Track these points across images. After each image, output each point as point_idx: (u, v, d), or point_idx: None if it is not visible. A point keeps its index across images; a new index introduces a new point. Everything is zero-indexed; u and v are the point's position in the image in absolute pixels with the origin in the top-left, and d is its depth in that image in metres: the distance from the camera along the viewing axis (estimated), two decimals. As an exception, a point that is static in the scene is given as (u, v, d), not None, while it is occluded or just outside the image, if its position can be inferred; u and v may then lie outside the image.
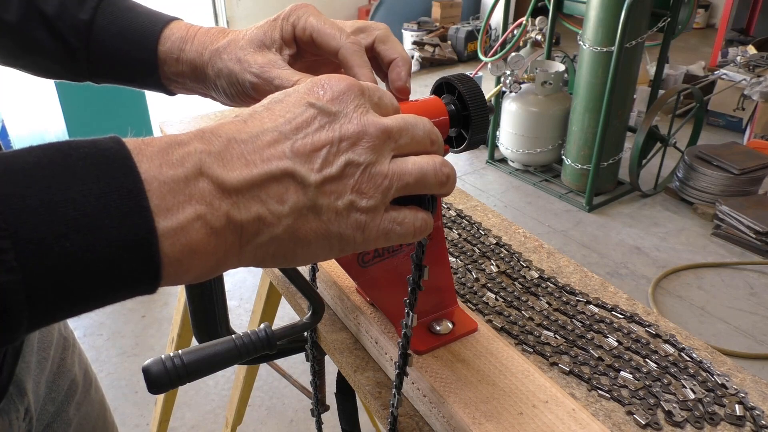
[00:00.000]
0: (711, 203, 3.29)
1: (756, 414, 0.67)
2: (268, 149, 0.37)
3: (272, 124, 0.38)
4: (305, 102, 0.40)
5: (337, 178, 0.39)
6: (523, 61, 3.47)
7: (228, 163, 0.35)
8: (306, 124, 0.39)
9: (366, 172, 0.40)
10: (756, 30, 6.47)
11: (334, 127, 0.39)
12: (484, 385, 0.64)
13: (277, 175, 0.37)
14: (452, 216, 1.06)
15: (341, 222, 0.39)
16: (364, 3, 6.74)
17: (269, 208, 0.36)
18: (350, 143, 0.39)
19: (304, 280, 0.68)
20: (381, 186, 0.41)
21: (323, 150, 0.38)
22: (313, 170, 0.38)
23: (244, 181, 0.35)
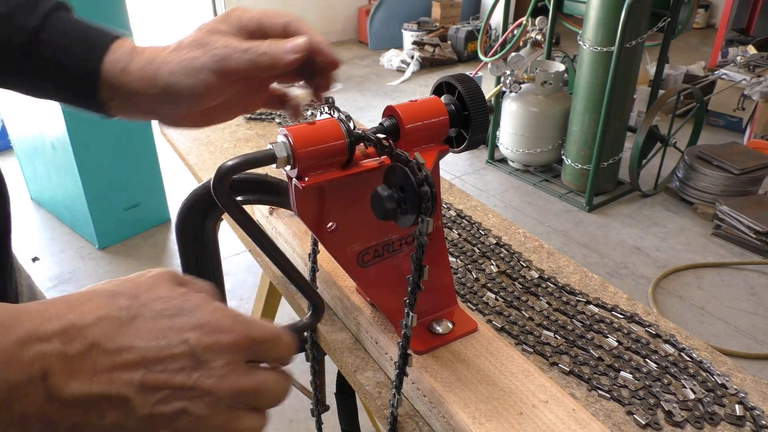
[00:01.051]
0: (711, 203, 3.29)
1: (756, 414, 0.67)
2: (120, 371, 0.38)
3: (143, 344, 0.39)
4: (184, 337, 0.40)
5: (165, 418, 0.39)
6: (523, 61, 3.47)
7: (73, 372, 0.37)
8: (170, 360, 0.39)
9: (194, 424, 0.41)
10: (756, 30, 6.47)
11: (192, 375, 0.40)
12: (484, 385, 0.64)
13: (112, 397, 0.38)
14: (452, 216, 1.06)
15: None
16: (364, 3, 6.74)
17: (87, 419, 0.38)
18: (195, 395, 0.40)
19: (304, 280, 0.68)
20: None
21: (166, 390, 0.39)
22: (148, 404, 0.39)
23: (80, 395, 0.37)
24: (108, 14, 2.50)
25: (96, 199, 2.85)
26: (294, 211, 0.63)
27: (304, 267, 0.88)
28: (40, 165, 3.12)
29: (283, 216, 0.99)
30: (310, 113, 1.51)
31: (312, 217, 0.63)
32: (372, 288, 0.71)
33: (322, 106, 0.64)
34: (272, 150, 0.57)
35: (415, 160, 0.53)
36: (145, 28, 5.80)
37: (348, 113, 0.62)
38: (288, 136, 0.57)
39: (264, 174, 0.85)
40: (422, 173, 0.52)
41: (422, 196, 0.52)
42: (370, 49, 6.49)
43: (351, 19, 6.80)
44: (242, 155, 0.56)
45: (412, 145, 0.63)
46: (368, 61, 6.16)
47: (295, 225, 0.96)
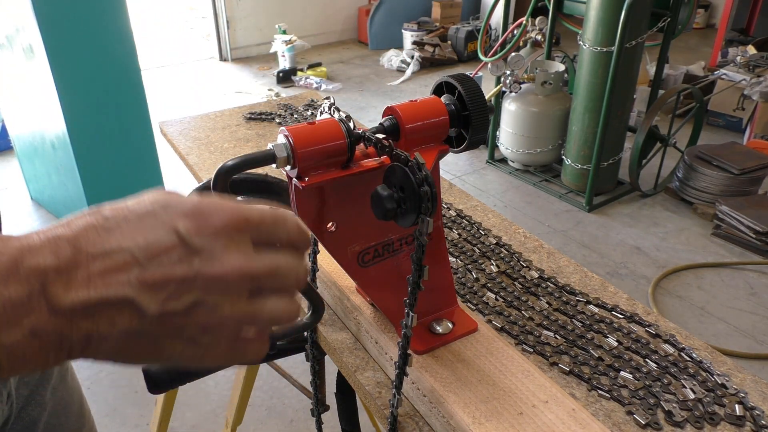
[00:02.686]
0: (711, 203, 3.29)
1: (756, 414, 0.67)
2: (114, 273, 0.37)
3: (130, 243, 0.37)
4: (173, 227, 0.38)
5: (180, 314, 0.38)
6: (523, 61, 3.47)
7: (70, 282, 0.36)
8: (164, 253, 0.37)
9: (213, 314, 0.39)
10: (756, 30, 6.47)
11: (192, 264, 0.38)
12: (484, 385, 0.64)
13: (114, 301, 0.36)
14: (452, 216, 1.06)
15: (173, 350, 0.39)
16: (364, 3, 6.74)
17: (99, 329, 0.37)
18: (204, 283, 0.38)
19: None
20: (228, 327, 0.40)
21: (171, 284, 0.37)
22: (156, 302, 0.37)
23: (80, 303, 0.36)
24: (108, 14, 2.50)
25: (96, 199, 2.85)
26: (294, 211, 0.63)
27: (304, 267, 0.88)
28: (40, 165, 3.12)
29: (283, 216, 0.99)
30: (311, 113, 1.51)
31: (312, 217, 0.63)
32: (372, 288, 0.71)
33: (323, 106, 0.64)
34: (272, 150, 0.57)
35: (415, 160, 0.53)
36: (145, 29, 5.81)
37: (348, 113, 0.62)
38: (288, 136, 0.57)
39: (264, 174, 0.85)
40: (422, 173, 0.52)
41: (422, 196, 0.52)
42: (370, 49, 6.49)
43: (351, 19, 6.80)
44: (242, 155, 0.56)
45: (412, 145, 0.63)
46: (368, 61, 6.16)
47: (295, 225, 0.96)
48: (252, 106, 1.59)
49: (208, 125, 1.48)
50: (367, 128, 0.63)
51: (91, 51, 2.52)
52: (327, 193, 0.63)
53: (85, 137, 2.65)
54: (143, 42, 4.46)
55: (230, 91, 5.28)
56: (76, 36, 2.45)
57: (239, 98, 5.07)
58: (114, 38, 2.56)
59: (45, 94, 2.56)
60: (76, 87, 2.54)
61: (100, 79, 2.59)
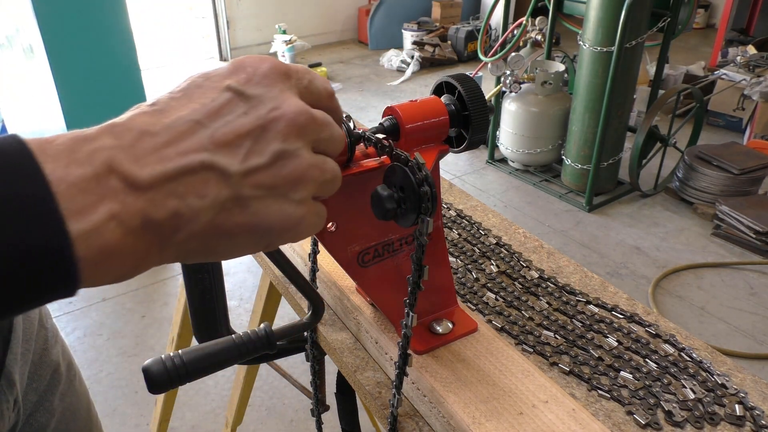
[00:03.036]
0: (711, 203, 3.29)
1: (756, 414, 0.67)
2: (183, 141, 0.34)
3: (188, 112, 0.35)
4: (224, 86, 0.36)
5: (265, 168, 0.36)
6: (523, 61, 3.47)
7: (140, 159, 0.33)
8: (225, 111, 0.36)
9: (297, 162, 0.37)
10: (756, 30, 6.47)
11: (256, 113, 0.36)
12: (484, 385, 0.64)
13: (195, 168, 0.34)
14: (452, 216, 1.06)
15: (270, 214, 0.37)
16: (364, 3, 6.74)
17: (187, 203, 0.33)
18: (278, 130, 0.36)
19: (304, 280, 0.68)
20: (311, 177, 0.38)
21: (247, 139, 0.35)
22: (237, 161, 0.35)
23: (158, 176, 0.33)
24: (108, 14, 2.50)
25: (96, 199, 2.84)
26: (294, 211, 0.63)
27: (304, 267, 0.88)
28: (40, 165, 3.12)
29: (283, 216, 0.99)
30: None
31: (312, 217, 0.63)
32: (372, 288, 0.71)
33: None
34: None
35: (415, 160, 0.53)
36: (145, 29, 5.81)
37: (348, 113, 0.62)
38: (288, 136, 0.57)
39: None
40: (422, 173, 0.52)
41: (422, 196, 0.52)
42: (370, 49, 6.49)
43: (351, 19, 6.80)
44: (242, 155, 0.56)
45: (412, 145, 0.63)
46: (368, 61, 6.16)
47: (295, 225, 0.96)
48: (252, 106, 1.59)
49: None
50: (367, 128, 0.63)
51: (91, 51, 2.52)
52: (327, 193, 0.63)
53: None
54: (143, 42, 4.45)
55: (230, 91, 5.27)
56: (76, 36, 2.45)
57: (239, 98, 5.06)
58: (114, 38, 2.57)
59: (45, 94, 2.56)
60: (76, 87, 2.54)
61: (100, 79, 2.59)
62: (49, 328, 0.73)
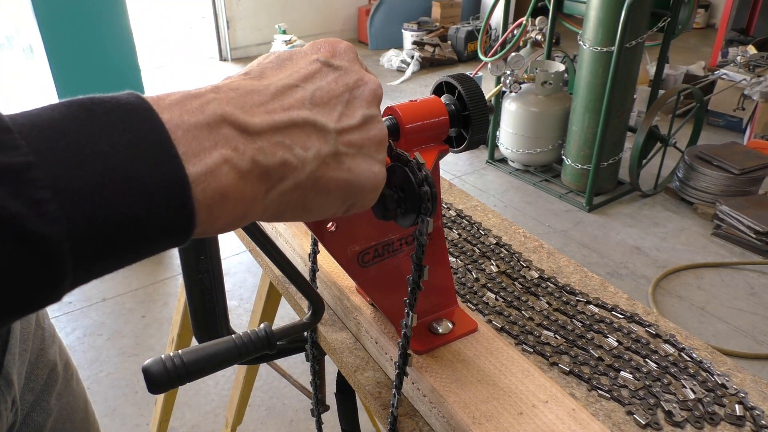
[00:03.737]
0: (711, 203, 3.29)
1: (756, 414, 0.67)
2: (287, 98, 0.38)
3: (285, 75, 0.39)
4: (312, 58, 0.41)
5: (356, 129, 0.40)
6: (523, 61, 3.47)
7: (249, 111, 0.36)
8: (317, 77, 0.40)
9: (379, 126, 0.42)
10: (756, 30, 6.47)
11: (346, 80, 0.41)
12: (484, 385, 0.64)
13: (299, 122, 0.37)
14: (452, 216, 1.06)
15: (360, 171, 0.41)
16: (364, 3, 6.74)
17: (294, 153, 0.37)
18: (363, 97, 0.41)
19: (304, 280, 0.68)
20: (386, 142, 0.43)
21: (340, 101, 0.40)
22: (333, 120, 0.39)
23: (267, 126, 0.36)
24: (107, 14, 2.50)
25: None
26: (294, 211, 0.63)
27: (304, 267, 0.88)
28: (40, 165, 3.12)
29: (283, 216, 0.99)
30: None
31: (312, 217, 0.63)
32: (372, 288, 0.71)
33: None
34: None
35: (415, 160, 0.53)
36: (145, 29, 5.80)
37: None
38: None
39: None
40: (422, 173, 0.52)
41: (422, 196, 0.52)
42: (370, 49, 6.49)
43: (351, 19, 6.80)
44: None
45: (412, 145, 0.63)
46: (368, 61, 6.16)
47: (295, 225, 0.96)
48: (252, 106, 1.59)
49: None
50: (367, 128, 0.63)
51: (90, 51, 2.52)
52: (327, 193, 0.63)
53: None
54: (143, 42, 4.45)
55: (230, 91, 5.27)
56: (76, 36, 2.45)
57: (239, 98, 5.06)
58: (113, 38, 2.57)
59: (45, 94, 2.56)
60: (76, 87, 2.54)
61: (100, 79, 2.59)
62: (46, 327, 0.73)
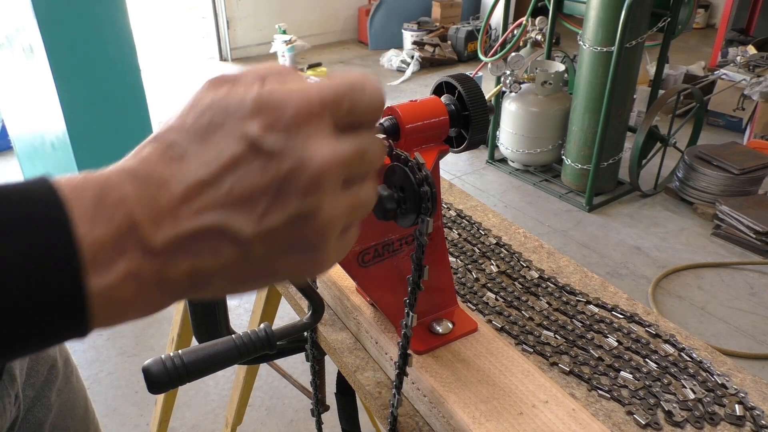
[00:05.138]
0: (711, 203, 3.29)
1: (756, 414, 0.67)
2: (198, 200, 0.33)
3: (204, 164, 0.33)
4: (242, 132, 0.33)
5: (282, 227, 0.34)
6: (523, 61, 3.47)
7: (157, 218, 0.33)
8: (240, 165, 0.33)
9: (317, 220, 0.35)
10: (756, 30, 6.47)
11: (276, 167, 0.33)
12: (484, 385, 0.64)
13: (209, 229, 0.33)
14: (452, 216, 1.06)
15: (286, 268, 0.36)
16: (364, 3, 6.74)
17: (202, 261, 0.34)
18: (297, 188, 0.34)
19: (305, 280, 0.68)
20: (335, 227, 0.36)
21: (262, 198, 0.33)
22: (252, 221, 0.33)
23: (174, 237, 0.33)
24: (108, 14, 2.50)
25: (96, 199, 2.84)
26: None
27: (304, 267, 0.88)
28: (40, 165, 3.12)
29: (283, 216, 0.99)
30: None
31: (312, 217, 0.63)
32: (372, 288, 0.71)
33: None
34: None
35: (415, 160, 0.53)
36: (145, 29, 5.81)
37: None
38: (288, 136, 0.57)
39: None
40: (422, 173, 0.52)
41: (422, 196, 0.52)
42: (370, 49, 6.49)
43: (351, 19, 6.80)
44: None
45: (412, 145, 0.63)
46: (368, 61, 6.16)
47: (295, 225, 0.96)
48: (252, 106, 1.59)
49: (208, 125, 1.48)
50: (367, 128, 0.63)
51: (91, 51, 2.52)
52: (327, 193, 0.63)
53: (85, 137, 2.66)
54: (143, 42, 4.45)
55: (230, 91, 5.27)
56: (76, 36, 2.45)
57: (239, 98, 5.06)
58: (114, 38, 2.56)
59: (45, 94, 2.56)
60: (76, 87, 2.54)
61: (100, 79, 2.59)
62: None
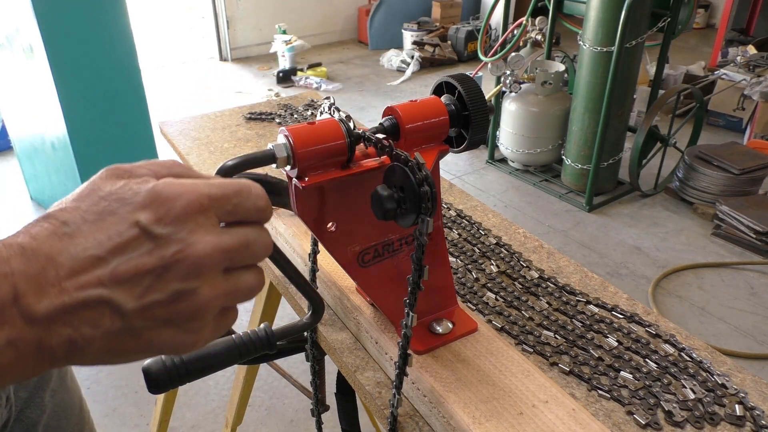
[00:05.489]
0: (711, 203, 3.29)
1: (756, 414, 0.67)
2: (84, 275, 0.36)
3: (94, 243, 0.37)
4: (134, 220, 0.37)
5: (163, 303, 0.37)
6: (523, 61, 3.47)
7: (42, 289, 0.35)
8: (129, 247, 0.37)
9: (196, 299, 0.38)
10: (756, 30, 6.47)
11: (160, 254, 0.37)
12: (484, 385, 0.64)
13: (90, 302, 0.36)
14: (452, 216, 1.06)
15: (163, 341, 0.39)
16: (364, 3, 6.74)
17: (81, 332, 0.36)
18: (179, 270, 0.37)
19: (304, 280, 0.68)
20: (212, 308, 0.40)
21: (146, 277, 0.37)
22: (133, 297, 0.37)
23: (55, 309, 0.35)
24: (108, 14, 2.50)
25: (96, 199, 2.84)
26: (294, 211, 0.63)
27: (304, 267, 0.88)
28: (40, 165, 3.12)
29: (283, 216, 0.99)
30: (311, 113, 1.51)
31: (312, 217, 0.63)
32: (372, 288, 0.71)
33: (323, 106, 0.64)
34: (272, 150, 0.57)
35: (415, 160, 0.53)
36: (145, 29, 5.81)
37: (348, 113, 0.62)
38: (288, 136, 0.57)
39: (264, 174, 0.85)
40: (422, 173, 0.52)
41: (422, 196, 0.52)
42: (370, 49, 6.49)
43: (351, 19, 6.80)
44: (242, 155, 0.56)
45: (412, 145, 0.63)
46: (368, 61, 6.16)
47: (295, 225, 0.96)
48: (252, 106, 1.59)
49: (208, 125, 1.48)
50: (367, 128, 0.63)
51: (91, 51, 2.52)
52: (327, 193, 0.63)
53: (85, 137, 2.65)
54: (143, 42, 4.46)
55: (230, 91, 5.28)
56: (76, 36, 2.45)
57: (239, 98, 5.06)
58: (114, 38, 2.56)
59: (45, 94, 2.56)
60: (76, 87, 2.54)
61: (100, 79, 2.59)
62: None
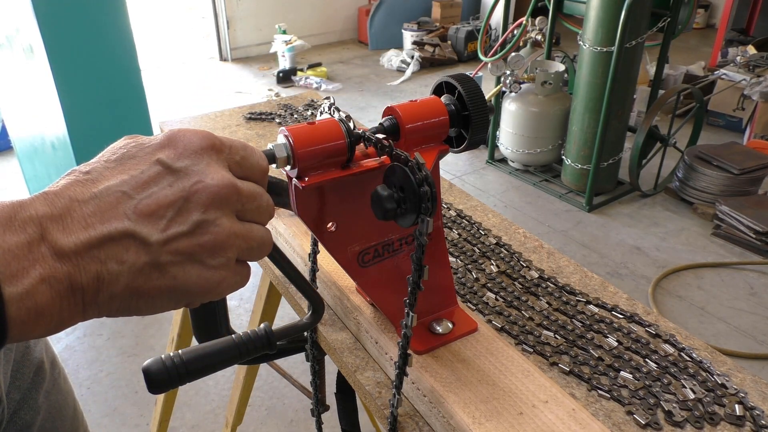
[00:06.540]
0: (711, 203, 3.29)
1: (756, 414, 0.67)
2: (108, 210, 0.37)
3: (117, 182, 0.38)
4: (154, 159, 0.39)
5: (185, 236, 0.39)
6: (523, 61, 3.47)
7: (68, 226, 0.36)
8: (152, 182, 0.39)
9: (216, 231, 0.40)
10: (756, 30, 6.47)
11: (181, 186, 0.39)
12: (484, 385, 0.64)
13: (115, 236, 0.37)
14: (452, 216, 1.06)
15: (188, 278, 0.40)
16: (364, 3, 6.74)
17: (108, 268, 0.37)
18: (200, 200, 0.39)
19: (304, 280, 0.68)
20: (232, 245, 0.41)
21: (169, 209, 0.38)
22: (157, 230, 0.38)
23: (81, 244, 0.36)
24: (108, 14, 2.50)
25: (96, 199, 2.84)
26: (294, 211, 0.63)
27: (304, 267, 0.88)
28: (40, 165, 3.12)
29: (283, 216, 0.99)
30: (311, 113, 1.51)
31: (312, 217, 0.63)
32: (372, 288, 0.71)
33: (323, 106, 0.64)
34: (272, 150, 0.57)
35: (415, 160, 0.53)
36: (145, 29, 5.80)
37: (348, 113, 0.62)
38: (288, 136, 0.57)
39: (264, 174, 0.85)
40: (422, 173, 0.52)
41: (422, 196, 0.52)
42: (370, 49, 6.49)
43: (351, 19, 6.80)
44: (242, 155, 0.56)
45: (412, 145, 0.63)
46: (368, 61, 6.16)
47: (295, 225, 0.96)
48: (252, 106, 1.59)
49: (208, 125, 1.48)
50: (367, 128, 0.63)
51: (91, 51, 2.52)
52: (327, 193, 0.63)
53: (85, 137, 2.65)
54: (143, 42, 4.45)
55: (230, 91, 5.28)
56: (76, 36, 2.45)
57: (239, 98, 5.07)
58: (114, 38, 2.56)
59: (45, 94, 2.56)
60: (76, 87, 2.53)
61: (100, 79, 2.59)
62: None
